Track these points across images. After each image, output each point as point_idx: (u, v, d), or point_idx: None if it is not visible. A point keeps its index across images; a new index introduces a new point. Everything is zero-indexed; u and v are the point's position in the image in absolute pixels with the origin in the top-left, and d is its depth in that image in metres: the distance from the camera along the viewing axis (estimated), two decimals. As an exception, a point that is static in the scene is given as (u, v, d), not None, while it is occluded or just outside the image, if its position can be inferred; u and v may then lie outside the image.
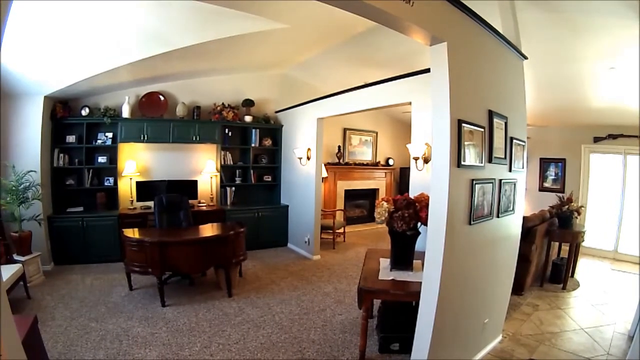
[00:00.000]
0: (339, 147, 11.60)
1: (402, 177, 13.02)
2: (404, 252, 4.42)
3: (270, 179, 9.94)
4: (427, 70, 4.98)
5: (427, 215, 3.62)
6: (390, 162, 12.94)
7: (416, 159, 5.58)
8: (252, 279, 7.13)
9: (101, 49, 6.12)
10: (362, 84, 6.88)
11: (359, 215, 12.47)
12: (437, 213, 3.35)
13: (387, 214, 4.28)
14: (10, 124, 7.06)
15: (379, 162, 12.72)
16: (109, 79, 7.37)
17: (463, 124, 3.36)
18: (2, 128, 6.93)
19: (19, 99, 7.06)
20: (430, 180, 3.48)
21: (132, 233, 6.28)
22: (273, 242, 9.39)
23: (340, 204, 11.38)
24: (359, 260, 8.14)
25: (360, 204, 12.59)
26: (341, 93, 7.35)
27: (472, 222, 3.62)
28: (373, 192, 12.65)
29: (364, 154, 12.39)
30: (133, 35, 5.91)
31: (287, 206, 9.53)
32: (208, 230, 6.74)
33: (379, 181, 12.65)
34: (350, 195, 11.88)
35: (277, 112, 9.99)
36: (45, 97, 7.28)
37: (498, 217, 4.12)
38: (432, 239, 3.41)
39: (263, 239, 9.09)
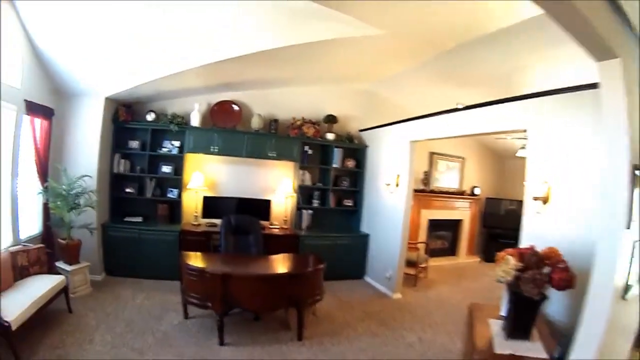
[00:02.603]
0: (425, 172, 10.73)
1: (488, 209, 12.03)
2: (525, 319, 3.53)
3: (350, 204, 9.11)
4: (549, 93, 4.33)
5: (561, 278, 3.03)
6: (476, 191, 11.90)
7: (536, 199, 4.62)
8: (325, 318, 6.28)
9: (167, 51, 5.88)
10: (460, 105, 6.03)
11: (440, 248, 11.45)
12: (602, 285, 2.67)
13: (513, 273, 3.39)
14: (66, 125, 6.91)
15: (465, 190, 11.74)
16: (177, 83, 7.06)
17: (637, 171, 2.53)
18: (56, 129, 6.60)
19: (77, 99, 6.90)
20: (595, 244, 2.72)
21: (193, 259, 5.67)
22: (349, 274, 8.44)
23: (422, 234, 10.49)
24: (442, 303, 7.43)
25: (442, 235, 11.56)
26: (438, 114, 6.51)
27: (625, 296, 2.85)
28: (456, 223, 11.67)
29: (449, 181, 11.45)
30: (202, 37, 5.54)
31: (368, 235, 8.64)
32: (281, 263, 6.08)
33: (462, 211, 11.66)
34: (432, 225, 10.92)
35: (361, 131, 9.19)
36: (107, 99, 7.05)
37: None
38: (590, 317, 2.74)
39: (338, 270, 8.01)
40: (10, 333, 3.98)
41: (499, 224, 11.55)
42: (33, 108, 5.83)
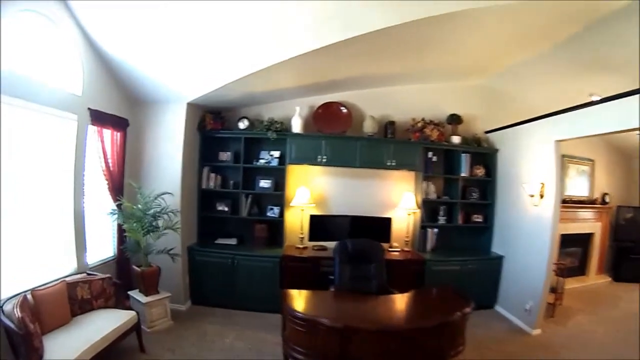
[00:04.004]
0: (557, 179, 9.14)
1: (619, 219, 10.42)
2: None
3: (480, 220, 7.75)
4: None
5: None
6: (607, 198, 10.32)
7: None
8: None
9: (252, 45, 5.12)
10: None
11: (569, 267, 9.62)
12: None
13: None
14: (143, 135, 6.53)
15: (597, 198, 10.19)
16: (268, 83, 6.32)
17: None
18: (131, 140, 6.27)
19: (154, 106, 6.49)
20: None
21: (299, 300, 4.61)
22: (478, 304, 6.85)
23: (554, 253, 8.81)
24: (586, 339, 6.15)
25: (571, 251, 9.99)
26: (592, 104, 5.29)
27: None
28: (587, 238, 10.12)
29: (580, 188, 9.97)
30: (288, 25, 4.72)
31: (502, 257, 7.30)
32: (414, 305, 4.97)
33: (593, 223, 10.12)
34: (563, 241, 9.21)
35: (487, 132, 7.87)
36: (189, 105, 6.52)
37: None
38: None
39: (467, 299, 6.76)
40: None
41: (631, 237, 10.12)
42: (100, 118, 5.43)
